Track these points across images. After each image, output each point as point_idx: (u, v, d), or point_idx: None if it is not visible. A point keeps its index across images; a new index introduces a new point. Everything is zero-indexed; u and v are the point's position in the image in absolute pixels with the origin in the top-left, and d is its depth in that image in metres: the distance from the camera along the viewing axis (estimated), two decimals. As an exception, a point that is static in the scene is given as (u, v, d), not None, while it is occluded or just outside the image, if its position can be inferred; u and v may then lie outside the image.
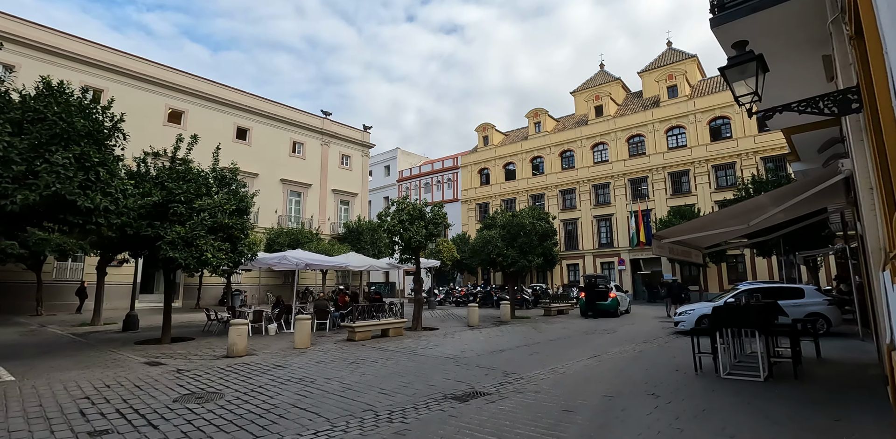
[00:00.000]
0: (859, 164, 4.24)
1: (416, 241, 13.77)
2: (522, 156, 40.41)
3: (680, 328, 12.97)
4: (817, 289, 12.36)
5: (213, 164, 12.00)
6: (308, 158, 32.40)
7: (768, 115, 4.24)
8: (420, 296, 14.80)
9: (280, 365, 8.51)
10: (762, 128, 30.09)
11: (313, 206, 32.34)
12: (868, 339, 10.57)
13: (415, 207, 14.28)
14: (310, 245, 26.14)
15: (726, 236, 8.78)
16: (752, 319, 6.66)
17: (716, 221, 7.56)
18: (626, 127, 35.09)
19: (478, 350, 10.47)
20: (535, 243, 18.26)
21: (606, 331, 14.11)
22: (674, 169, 32.58)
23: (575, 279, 35.61)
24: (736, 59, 4.34)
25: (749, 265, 28.90)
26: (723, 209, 7.25)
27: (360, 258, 16.40)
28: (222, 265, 11.48)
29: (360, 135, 36.29)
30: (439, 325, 16.22)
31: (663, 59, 37.94)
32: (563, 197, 37.58)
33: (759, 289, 12.34)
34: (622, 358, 9.28)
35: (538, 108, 40.55)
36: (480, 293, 27.61)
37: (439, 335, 13.40)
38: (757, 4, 5.05)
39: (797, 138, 9.79)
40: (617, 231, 34.31)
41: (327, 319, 14.55)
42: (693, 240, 8.58)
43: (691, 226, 7.73)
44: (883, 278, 4.03)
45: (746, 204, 7.08)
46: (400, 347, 10.94)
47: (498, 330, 14.46)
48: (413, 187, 47.29)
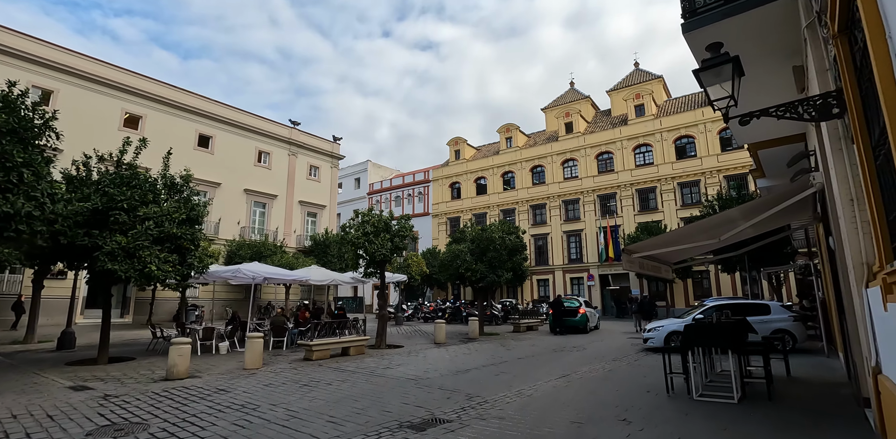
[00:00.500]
0: (838, 175, 4.01)
1: (380, 255, 13.20)
2: (494, 170, 40.46)
3: (649, 344, 12.74)
4: (782, 306, 12.37)
5: (164, 170, 11.20)
6: (274, 168, 31.46)
7: (745, 121, 3.99)
8: (384, 311, 14.16)
9: (223, 389, 7.74)
10: (725, 147, 31.03)
11: (279, 218, 31.30)
12: (833, 356, 10.54)
13: (380, 219, 13.75)
14: (273, 258, 25.16)
15: (697, 251, 8.61)
16: (724, 338, 6.39)
17: (687, 235, 7.34)
18: (595, 144, 35.63)
19: (442, 370, 9.90)
20: (504, 258, 17.92)
21: (576, 348, 13.76)
22: (641, 186, 33.12)
23: (545, 294, 35.46)
24: (711, 61, 4.10)
25: (714, 281, 29.36)
26: (694, 223, 7.03)
27: (323, 272, 15.66)
28: (168, 278, 10.63)
29: (329, 146, 35.61)
30: (405, 343, 15.56)
31: (631, 78, 38.96)
32: (534, 212, 37.65)
33: (726, 305, 12.26)
34: (592, 377, 8.89)
35: (510, 124, 40.87)
36: (449, 308, 27.03)
37: (403, 353, 12.76)
38: (730, 9, 4.87)
39: (764, 154, 9.82)
40: (586, 246, 34.46)
41: (285, 337, 13.71)
42: (663, 255, 8.36)
43: (662, 240, 7.49)
44: (866, 295, 3.77)
45: (717, 218, 6.88)
46: (359, 367, 10.26)
47: (465, 348, 13.92)
48: (384, 200, 46.65)
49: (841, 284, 5.80)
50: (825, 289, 11.01)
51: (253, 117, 30.48)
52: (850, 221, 3.91)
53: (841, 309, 7.04)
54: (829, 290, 10.72)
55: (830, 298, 10.58)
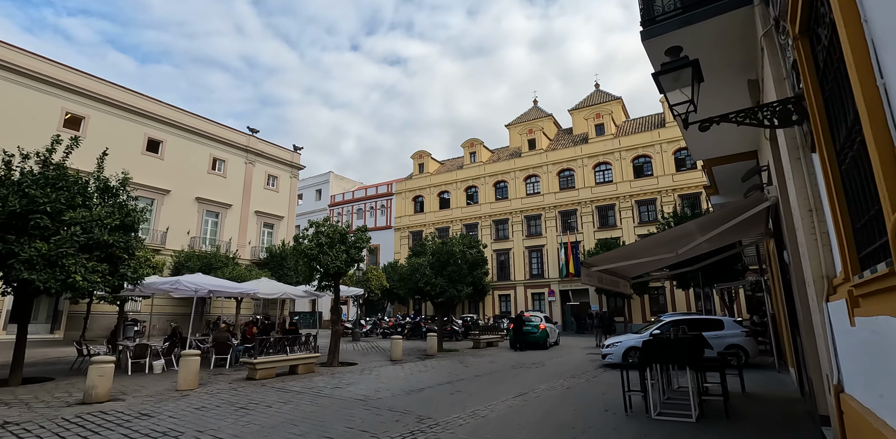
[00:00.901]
0: (796, 185, 3.91)
1: (335, 267, 12.60)
2: (457, 185, 40.45)
3: (608, 360, 12.61)
4: (735, 321, 12.56)
5: (97, 171, 10.33)
6: (230, 177, 30.24)
7: (704, 126, 3.85)
8: (338, 327, 13.48)
9: (147, 414, 6.95)
10: (680, 167, 32.17)
11: (232, 228, 29.96)
12: (784, 371, 10.67)
13: (335, 230, 13.18)
14: (224, 270, 23.95)
15: (655, 265, 8.55)
16: (682, 354, 6.23)
17: (645, 249, 7.23)
18: (556, 161, 36.24)
19: (395, 389, 9.36)
20: (464, 272, 17.59)
21: (535, 365, 13.48)
22: (601, 203, 33.78)
23: (507, 310, 35.30)
24: (671, 65, 3.97)
25: (669, 297, 30.00)
26: (652, 236, 6.93)
27: (273, 285, 14.84)
28: (97, 289, 9.70)
29: (289, 155, 34.66)
30: (359, 360, 14.86)
31: (592, 99, 40.14)
32: (496, 227, 37.72)
33: (682, 321, 12.32)
34: (550, 396, 8.58)
35: (474, 139, 41.13)
36: (409, 324, 26.36)
37: (356, 371, 12.11)
38: (689, 17, 4.82)
39: (718, 171, 9.99)
40: (548, 262, 34.67)
41: (229, 354, 12.80)
42: (622, 269, 8.24)
43: (621, 253, 7.36)
44: (826, 310, 3.63)
45: (675, 231, 6.81)
46: (306, 387, 9.58)
47: (422, 365, 13.39)
48: (345, 212, 45.72)
49: (795, 299, 5.76)
50: (775, 304, 11.22)
51: (208, 123, 29.30)
52: (810, 233, 3.79)
53: (794, 324, 7.06)
54: (779, 306, 10.92)
55: (781, 314, 10.77)
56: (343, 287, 15.86)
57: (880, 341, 2.20)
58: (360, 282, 29.28)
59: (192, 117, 28.29)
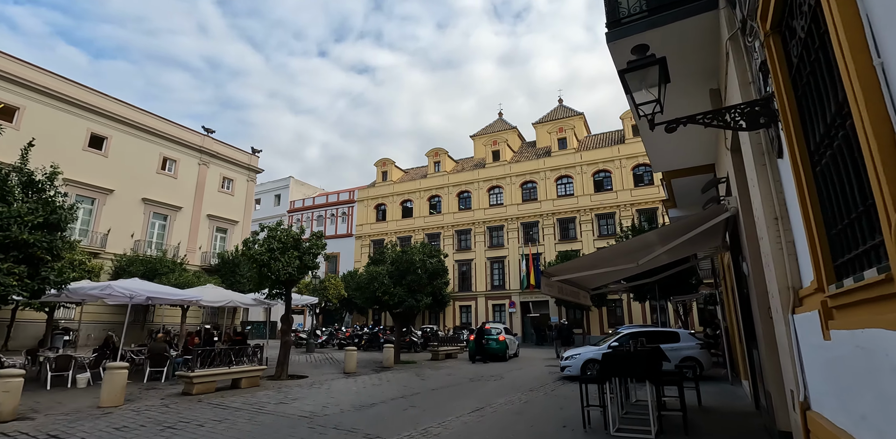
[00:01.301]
0: (762, 192, 3.78)
1: (286, 274, 11.93)
2: (421, 194, 40.12)
3: (566, 373, 12.44)
4: (690, 333, 12.69)
5: (20, 163, 9.38)
6: (181, 178, 28.77)
7: (671, 127, 3.68)
8: (288, 337, 12.75)
9: (55, 436, 6.15)
10: (638, 183, 33.06)
11: (182, 232, 28.42)
12: (737, 383, 10.78)
13: (288, 235, 12.53)
14: (170, 276, 22.60)
15: (615, 276, 8.44)
16: (641, 367, 6.05)
17: (606, 259, 7.08)
18: (520, 173, 36.56)
19: (344, 404, 8.80)
20: (424, 281, 17.17)
21: (493, 378, 13.15)
22: (562, 215, 34.21)
23: (467, 321, 34.97)
24: (638, 62, 3.79)
25: (626, 309, 30.50)
26: (613, 246, 6.79)
27: (218, 292, 13.95)
28: (12, 294, 8.72)
29: (246, 158, 33.42)
30: (311, 372, 14.11)
31: (555, 113, 40.92)
32: (459, 237, 37.53)
33: (640, 333, 12.33)
34: (507, 411, 8.25)
35: (438, 148, 41.04)
36: (367, 335, 25.58)
37: (305, 385, 11.42)
38: (655, 20, 4.71)
39: (677, 184, 10.08)
40: (509, 273, 34.68)
41: (165, 366, 11.83)
42: (582, 280, 8.07)
43: (582, 263, 7.18)
44: (792, 322, 3.48)
45: (635, 241, 6.69)
46: (248, 403, 8.87)
47: (376, 378, 12.81)
48: (305, 219, 44.45)
49: (754, 311, 5.70)
50: (729, 317, 11.39)
51: (159, 120, 27.88)
52: (775, 241, 3.66)
53: (750, 336, 7.05)
54: (732, 318, 11.07)
55: (734, 326, 10.91)
56: (296, 295, 15.14)
57: (866, 357, 1.98)
58: (317, 291, 28.31)
59: (142, 113, 26.84)
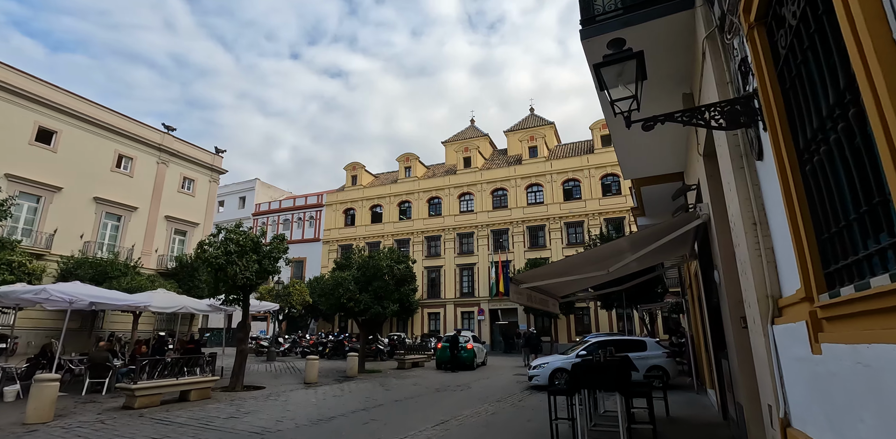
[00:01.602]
0: (739, 196, 3.61)
1: (243, 278, 11.30)
2: (391, 199, 39.62)
3: (534, 382, 12.21)
4: (657, 342, 12.69)
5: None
6: (138, 176, 27.40)
7: (648, 125, 3.49)
8: (245, 346, 12.06)
9: (-37, 460, 5.44)
10: (606, 193, 33.56)
11: (137, 234, 27.00)
12: (702, 393, 10.78)
13: (247, 237, 11.91)
14: (121, 280, 21.45)
15: (585, 283, 8.27)
16: (611, 379, 5.83)
17: (576, 266, 6.89)
18: (491, 180, 36.60)
19: (301, 418, 8.28)
20: (391, 288, 16.71)
21: (460, 387, 12.80)
22: (532, 223, 34.35)
23: (436, 328, 34.54)
24: (614, 56, 3.59)
25: (594, 317, 30.73)
26: (583, 253, 6.60)
27: (170, 297, 13.13)
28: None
29: (209, 157, 32.21)
30: (269, 383, 13.41)
31: (527, 122, 41.31)
32: (429, 243, 37.17)
33: (608, 342, 12.25)
34: (473, 423, 7.92)
35: (409, 153, 40.74)
36: (331, 342, 24.80)
37: (261, 397, 10.77)
38: (629, 19, 4.56)
39: (646, 191, 10.06)
40: (478, 280, 34.50)
41: (107, 377, 10.97)
42: (551, 288, 7.85)
43: (552, 270, 6.96)
44: (772, 334, 3.29)
45: (606, 248, 6.52)
46: (194, 417, 8.23)
47: (338, 389, 12.26)
48: (270, 222, 43.19)
49: (725, 321, 5.58)
50: (694, 325, 11.43)
51: (115, 115, 26.56)
52: (753, 248, 3.49)
53: (719, 345, 6.96)
54: (698, 327, 11.10)
55: (700, 335, 10.93)
56: (256, 301, 14.44)
57: (870, 376, 1.76)
58: (280, 297, 27.37)
59: (96, 108, 25.49)
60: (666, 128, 6.68)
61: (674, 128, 6.74)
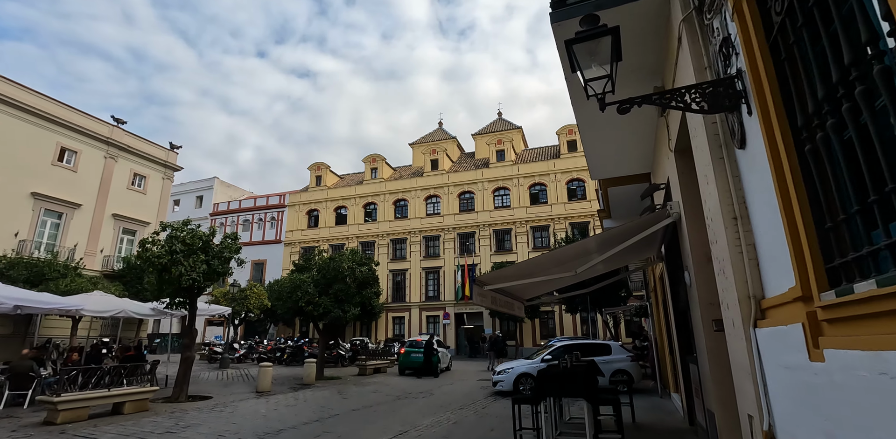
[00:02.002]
0: (720, 189, 3.34)
1: (189, 280, 10.48)
2: (356, 200, 38.78)
3: (499, 388, 11.87)
4: (621, 345, 12.59)
5: None
6: (82, 171, 25.68)
7: (624, 107, 3.18)
8: (189, 353, 11.20)
9: None
10: (571, 197, 33.85)
11: (80, 233, 25.26)
12: (666, 397, 10.69)
13: (195, 235, 11.10)
14: (59, 282, 19.96)
15: (552, 285, 7.98)
16: (579, 385, 5.52)
17: (542, 267, 6.57)
18: (458, 182, 36.34)
19: (246, 432, 7.61)
20: (353, 291, 16.07)
21: (422, 394, 12.31)
22: (498, 227, 34.26)
23: (400, 333, 33.88)
24: (587, 32, 3.27)
25: (558, 321, 30.81)
26: (549, 253, 6.29)
27: (107, 300, 12.10)
28: None
29: (163, 153, 30.62)
30: (218, 392, 12.55)
31: (494, 126, 41.36)
32: (394, 246, 36.53)
33: (573, 346, 12.05)
34: (432, 434, 7.47)
35: (376, 154, 40.05)
36: (290, 348, 23.81)
37: (206, 408, 9.98)
38: (603, 1, 4.27)
39: (613, 193, 9.91)
40: (444, 284, 34.09)
41: (31, 389, 9.91)
42: (517, 290, 7.52)
43: (517, 270, 6.63)
44: (755, 337, 3.01)
45: (573, 248, 6.23)
46: (124, 433, 7.44)
47: (292, 398, 11.55)
48: (229, 223, 41.52)
49: (695, 324, 5.35)
50: (658, 329, 11.37)
51: (58, 105, 24.86)
52: (734, 245, 3.22)
53: (687, 350, 6.78)
54: (662, 331, 11.04)
55: (664, 338, 10.86)
56: (204, 305, 13.54)
57: None
58: (237, 301, 26.14)
59: (36, 96, 23.78)
60: (636, 123, 6.50)
61: (644, 124, 6.55)
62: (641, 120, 6.26)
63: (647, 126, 6.50)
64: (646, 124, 6.45)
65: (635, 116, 6.18)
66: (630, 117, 6.19)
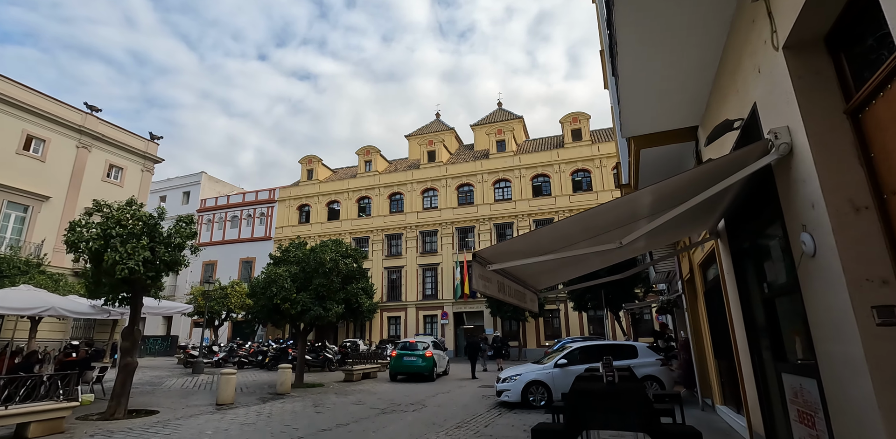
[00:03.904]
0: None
1: (123, 269, 8.55)
2: (349, 194, 36.85)
3: (504, 399, 9.94)
4: (648, 347, 10.67)
5: None
6: (52, 161, 23.79)
7: None
8: (129, 359, 9.26)
9: None
10: (576, 189, 31.95)
11: (49, 227, 23.32)
12: (709, 410, 8.77)
13: (137, 216, 9.19)
14: (18, 279, 18.22)
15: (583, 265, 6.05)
16: (632, 411, 3.60)
17: (567, 237, 4.66)
18: (456, 174, 34.43)
19: (170, 465, 5.69)
20: (336, 286, 14.15)
21: (413, 406, 10.40)
22: (499, 220, 32.34)
23: (396, 333, 31.97)
24: None
25: (564, 320, 28.88)
26: (578, 215, 4.31)
27: (31, 296, 10.13)
28: None
29: (142, 144, 28.71)
30: (172, 404, 10.62)
31: (494, 116, 39.46)
32: (389, 242, 34.61)
33: (592, 348, 10.15)
34: (417, 468, 5.55)
35: (370, 146, 38.11)
36: (273, 350, 21.84)
37: (141, 427, 8.06)
38: None
39: (647, 157, 7.99)
40: (442, 282, 32.17)
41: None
42: (530, 274, 5.62)
43: (533, 241, 4.70)
44: None
45: (615, 206, 4.30)
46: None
47: (254, 412, 9.62)
48: (217, 219, 39.58)
49: (815, 318, 3.45)
50: (695, 326, 9.45)
51: (22, 89, 22.97)
52: None
53: (776, 354, 4.86)
54: (701, 329, 9.14)
55: (703, 338, 8.96)
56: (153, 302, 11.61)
57: None
58: (217, 300, 24.24)
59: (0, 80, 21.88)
60: (702, 26, 4.58)
61: (714, 27, 4.63)
62: (712, 18, 4.34)
63: (718, 30, 4.56)
64: (718, 27, 4.52)
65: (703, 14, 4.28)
66: (696, 14, 4.31)
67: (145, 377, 17.04)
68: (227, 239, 38.56)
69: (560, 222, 4.31)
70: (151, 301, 11.39)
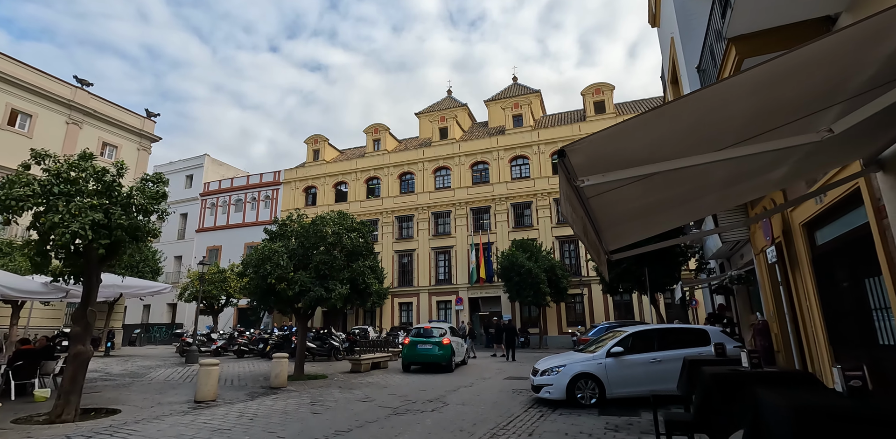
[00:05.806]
0: None
1: (64, 234, 6.72)
2: (357, 175, 34.94)
3: (543, 395, 8.03)
4: (721, 331, 8.64)
5: None
6: (39, 137, 22.15)
7: None
8: (82, 348, 7.48)
9: None
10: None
11: (34, 208, 21.76)
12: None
13: (85, 167, 7.35)
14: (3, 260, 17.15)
15: (699, 207, 4.01)
16: None
17: (730, 122, 2.67)
18: (470, 152, 32.28)
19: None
20: (339, 264, 12.28)
21: (431, 404, 8.55)
22: (517, 200, 30.25)
23: (408, 320, 30.28)
24: None
25: (587, 305, 26.91)
26: (756, 70, 2.33)
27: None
28: None
29: (137, 121, 27.00)
30: (141, 401, 8.89)
31: (509, 91, 37.12)
32: (400, 224, 32.74)
33: (652, 332, 8.17)
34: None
35: (378, 124, 36.05)
36: (276, 338, 20.20)
37: (87, 433, 6.31)
38: None
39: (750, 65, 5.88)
40: (456, 266, 30.28)
41: None
42: (622, 214, 3.64)
43: (669, 124, 2.70)
44: None
45: (827, 55, 2.29)
46: None
47: (236, 412, 7.83)
48: (221, 203, 38.00)
49: None
50: (809, 306, 7.41)
51: (6, 61, 21.31)
52: None
53: None
54: (809, 309, 7.10)
55: (813, 320, 6.93)
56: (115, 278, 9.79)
57: None
58: (216, 283, 22.64)
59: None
60: None
61: None
62: None
63: None
64: None
65: None
66: None
67: (132, 367, 15.46)
68: (232, 223, 36.99)
69: (714, 89, 2.31)
70: (114, 277, 9.62)
